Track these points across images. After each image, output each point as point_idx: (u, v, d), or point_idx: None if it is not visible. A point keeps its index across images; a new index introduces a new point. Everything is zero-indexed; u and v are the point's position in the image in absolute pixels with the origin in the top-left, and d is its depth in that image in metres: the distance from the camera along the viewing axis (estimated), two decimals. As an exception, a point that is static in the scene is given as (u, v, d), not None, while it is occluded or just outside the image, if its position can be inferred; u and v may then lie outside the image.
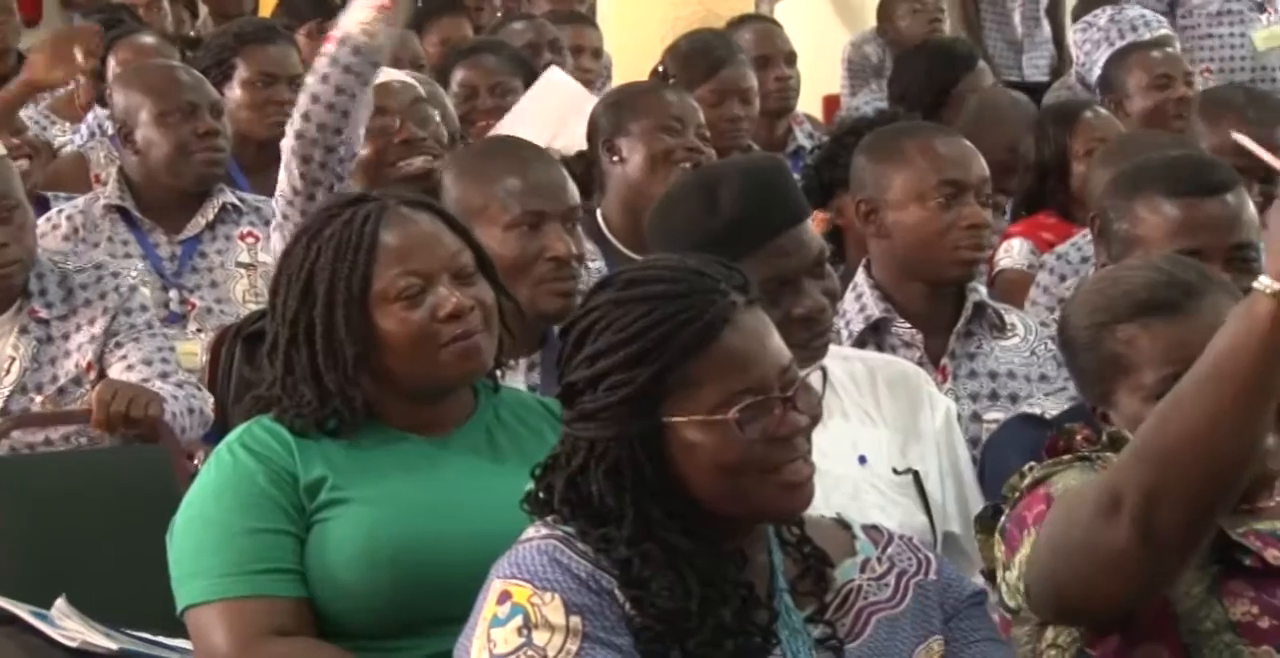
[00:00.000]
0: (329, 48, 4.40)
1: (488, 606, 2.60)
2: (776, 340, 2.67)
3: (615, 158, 5.10)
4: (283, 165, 4.52)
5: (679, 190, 3.67)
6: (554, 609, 2.56)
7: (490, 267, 3.29)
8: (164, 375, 4.65)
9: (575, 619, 2.56)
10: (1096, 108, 5.84)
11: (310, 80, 4.44)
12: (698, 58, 6.12)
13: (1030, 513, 2.83)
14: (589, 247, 4.90)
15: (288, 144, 4.49)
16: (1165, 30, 7.68)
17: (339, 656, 3.10)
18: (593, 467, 2.64)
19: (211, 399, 4.50)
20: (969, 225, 4.12)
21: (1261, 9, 8.40)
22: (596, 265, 4.86)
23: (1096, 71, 7.31)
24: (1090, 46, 7.84)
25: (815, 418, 2.67)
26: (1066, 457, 2.92)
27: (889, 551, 2.78)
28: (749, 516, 2.66)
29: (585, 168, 5.23)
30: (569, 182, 4.14)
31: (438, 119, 4.99)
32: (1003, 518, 2.91)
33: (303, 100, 4.45)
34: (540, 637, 2.55)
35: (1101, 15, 7.93)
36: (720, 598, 2.59)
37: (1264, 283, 2.45)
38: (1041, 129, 5.73)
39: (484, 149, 4.42)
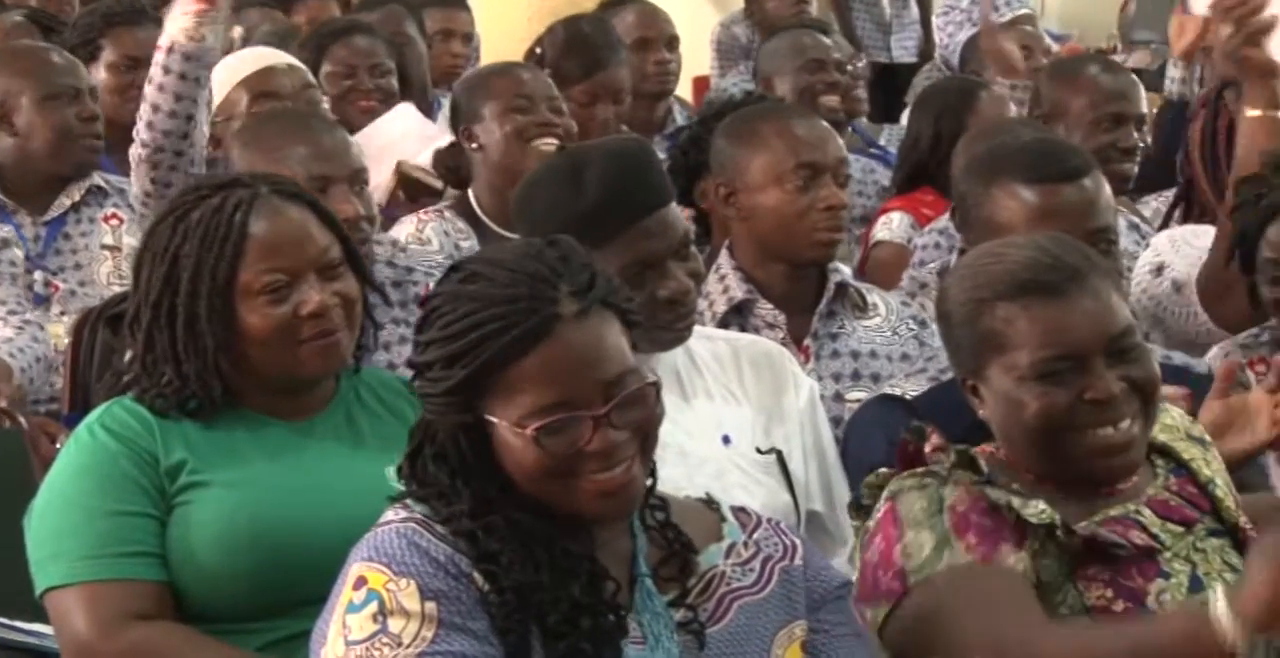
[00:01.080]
0: (159, 57, 4.41)
1: (345, 590, 2.59)
2: (608, 351, 2.62)
3: (474, 143, 5.11)
4: (133, 170, 4.53)
5: (544, 172, 3.64)
6: (409, 596, 2.55)
7: (357, 258, 3.28)
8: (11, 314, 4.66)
9: (431, 605, 2.55)
10: (992, 88, 5.85)
11: (148, 90, 4.45)
12: (576, 54, 6.07)
13: (878, 537, 2.88)
14: (461, 226, 4.92)
15: (135, 151, 4.53)
16: (1025, 9, 7.73)
17: (199, 639, 3.09)
18: (425, 448, 2.66)
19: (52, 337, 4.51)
20: (826, 207, 4.12)
21: None
22: (469, 245, 4.89)
23: (959, 52, 7.39)
24: (953, 28, 7.91)
25: (649, 420, 2.64)
26: (919, 470, 2.93)
27: (756, 535, 2.78)
28: (566, 514, 2.64)
29: (456, 156, 5.25)
30: (352, 145, 4.23)
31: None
32: (870, 521, 2.95)
33: (144, 110, 4.46)
34: (395, 624, 2.54)
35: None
36: (568, 572, 2.59)
37: (1217, 609, 2.48)
38: (936, 105, 5.74)
39: (267, 119, 4.43)
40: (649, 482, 2.68)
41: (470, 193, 5.15)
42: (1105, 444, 2.92)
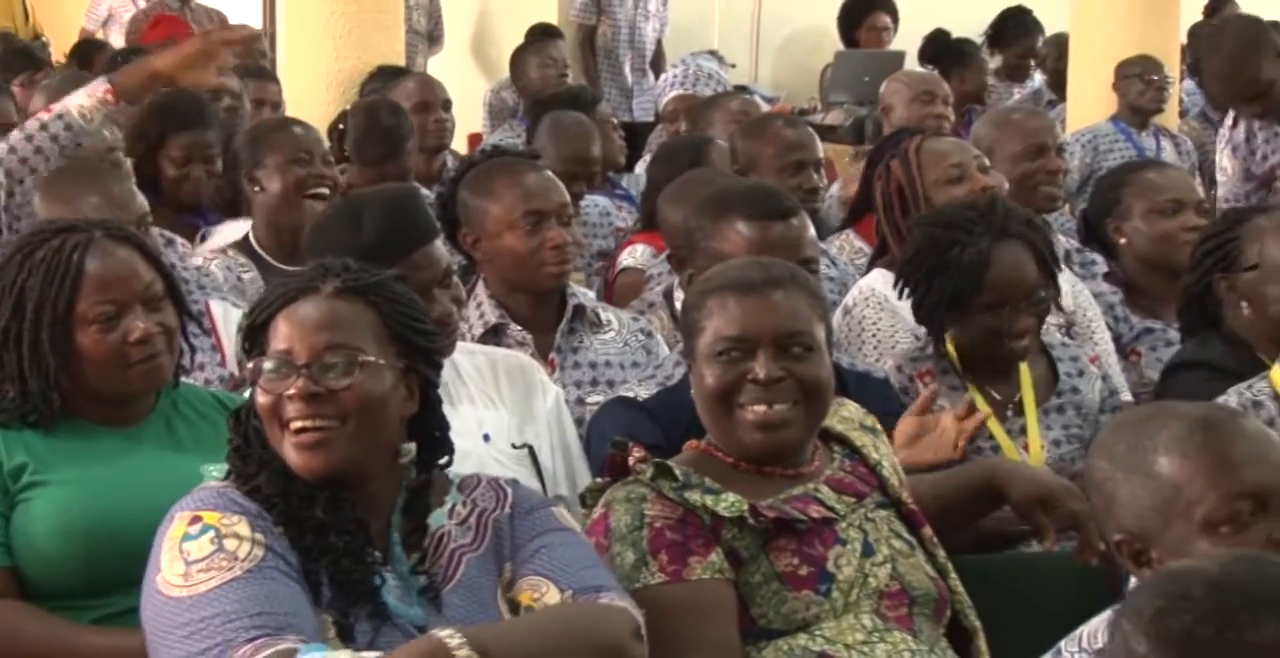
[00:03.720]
0: (44, 116, 4.28)
1: (175, 528, 2.63)
2: (338, 322, 2.72)
3: (256, 187, 5.04)
4: None
5: (331, 214, 3.66)
6: (243, 526, 2.62)
7: (177, 292, 3.29)
8: None
9: (259, 535, 2.62)
10: (718, 142, 5.88)
11: (15, 134, 4.31)
12: (374, 142, 6.01)
13: (594, 538, 2.89)
14: (243, 261, 4.88)
15: None
16: (718, 86, 7.83)
17: (40, 614, 3.06)
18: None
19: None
20: (553, 246, 4.11)
21: None
22: (250, 276, 4.84)
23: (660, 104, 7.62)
24: (664, 87, 8.02)
25: (351, 390, 2.67)
26: (629, 480, 2.95)
27: (474, 494, 2.81)
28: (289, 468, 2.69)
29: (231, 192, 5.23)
30: (137, 195, 4.20)
31: None
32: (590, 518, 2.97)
33: (0, 147, 4.33)
34: (230, 544, 2.60)
35: (680, 65, 8.10)
36: (337, 505, 2.66)
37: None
38: (674, 157, 5.72)
39: (65, 171, 4.28)
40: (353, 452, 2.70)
41: (249, 232, 5.09)
42: (760, 420, 2.95)
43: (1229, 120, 6.53)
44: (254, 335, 2.73)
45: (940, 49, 9.85)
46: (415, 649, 2.46)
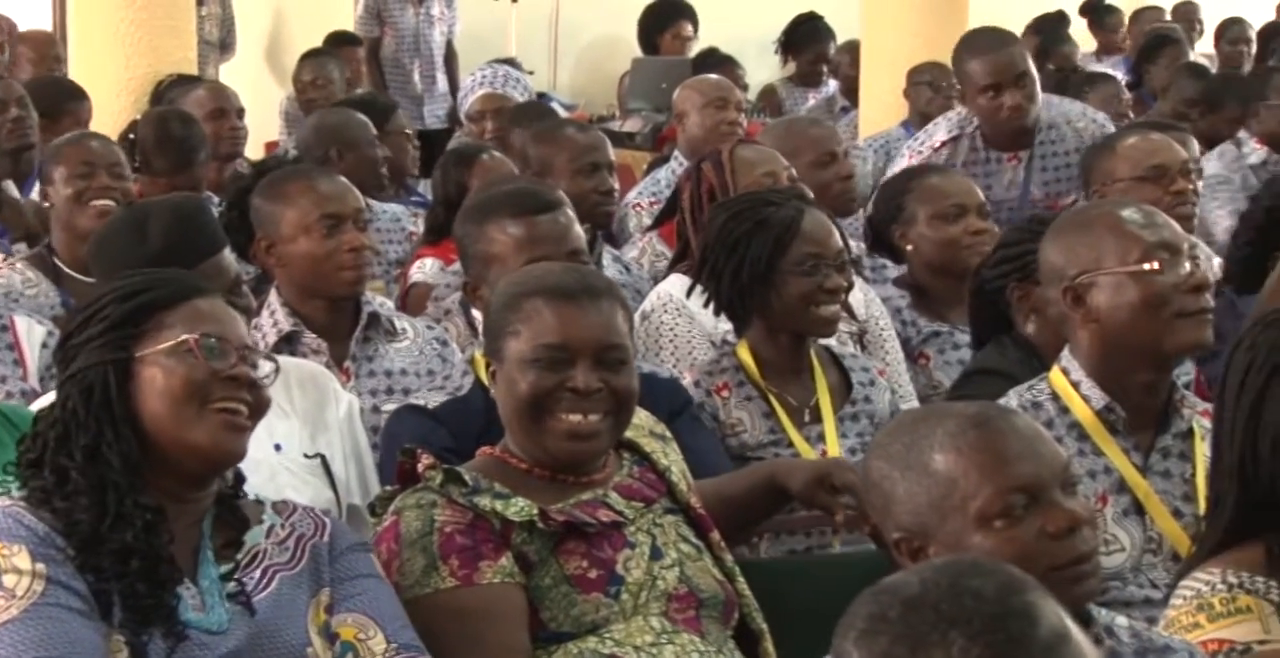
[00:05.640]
0: None
1: None
2: (242, 327, 2.82)
3: (47, 201, 5.05)
4: None
5: (114, 224, 3.62)
6: (22, 558, 2.55)
7: None
8: None
9: (40, 565, 2.55)
10: (492, 151, 5.89)
11: None
12: (165, 153, 5.96)
13: (382, 546, 2.90)
14: (31, 276, 4.84)
15: None
16: (523, 90, 7.85)
17: None
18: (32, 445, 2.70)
19: None
20: (350, 250, 4.10)
21: None
22: (34, 292, 4.82)
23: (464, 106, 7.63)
24: (464, 92, 8.01)
25: (263, 394, 2.75)
26: (418, 487, 2.95)
27: (292, 519, 2.81)
28: (190, 454, 2.68)
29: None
30: None
31: None
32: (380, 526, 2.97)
33: None
34: (9, 580, 2.54)
35: (486, 68, 8.09)
36: (127, 519, 2.62)
37: None
38: (444, 169, 5.75)
39: None
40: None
41: (50, 245, 5.05)
42: (573, 429, 2.96)
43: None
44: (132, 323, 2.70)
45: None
46: None
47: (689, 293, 4.14)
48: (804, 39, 10.45)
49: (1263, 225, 4.51)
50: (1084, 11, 11.70)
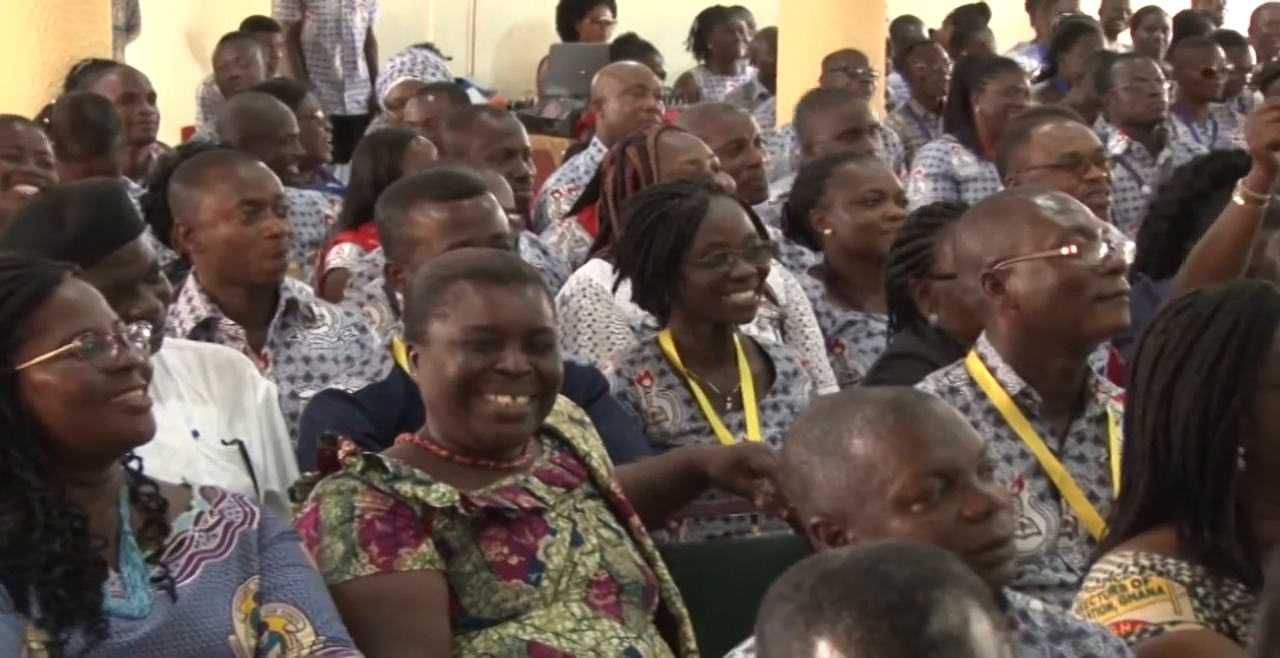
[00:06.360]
0: None
1: None
2: (104, 304, 2.74)
3: None
4: None
5: (30, 209, 3.57)
6: None
7: None
8: None
9: None
10: (420, 137, 5.87)
11: None
12: (81, 137, 5.90)
13: (304, 531, 2.89)
14: None
15: None
16: (414, 78, 7.84)
17: None
18: None
19: None
20: (270, 236, 4.08)
21: None
22: None
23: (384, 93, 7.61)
24: (388, 75, 7.99)
25: (148, 366, 2.73)
26: (339, 474, 2.94)
27: (221, 506, 2.79)
28: (103, 445, 2.67)
29: None
30: None
31: None
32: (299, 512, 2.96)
33: None
34: None
35: (405, 54, 8.07)
36: (55, 529, 2.59)
37: None
38: (374, 153, 5.73)
39: None
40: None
41: None
42: (501, 411, 2.96)
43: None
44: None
45: None
46: None
47: (615, 286, 4.14)
48: (716, 27, 10.47)
49: (1177, 215, 4.55)
50: (1030, 8, 11.78)
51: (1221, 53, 8.46)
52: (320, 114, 6.87)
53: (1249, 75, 9.29)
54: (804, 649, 1.76)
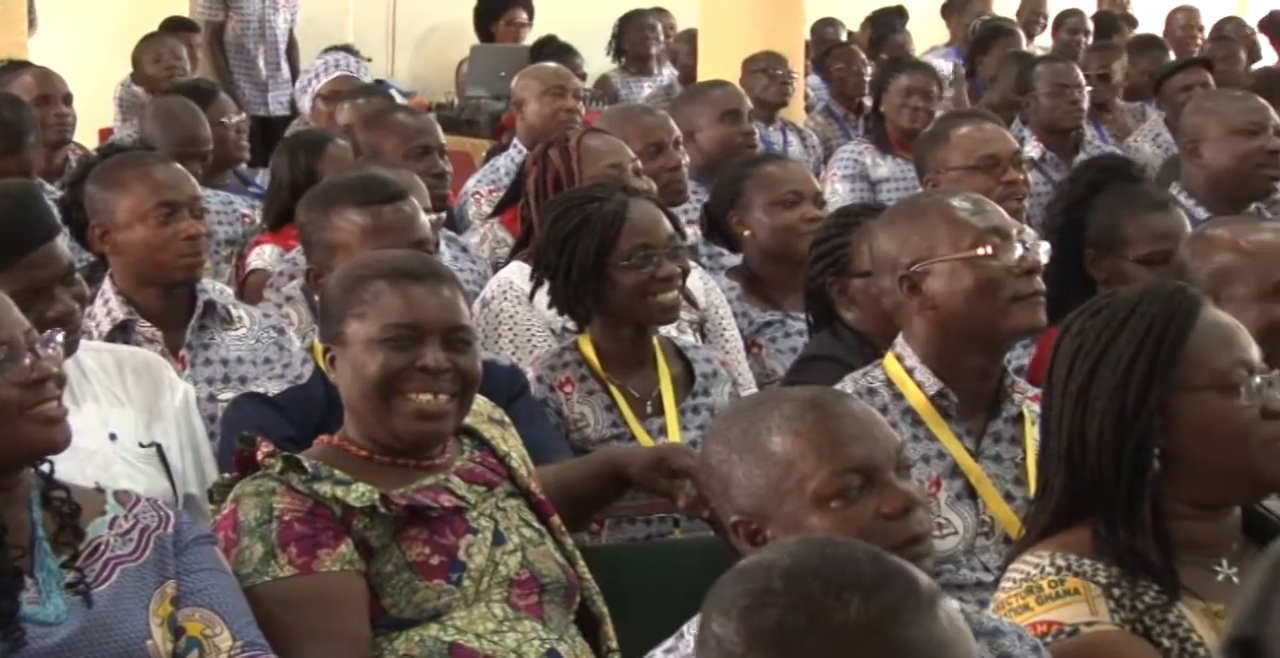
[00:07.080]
0: None
1: None
2: (17, 313, 2.70)
3: None
4: None
5: (-55, 210, 3.52)
6: None
7: None
8: None
9: None
10: (338, 140, 5.85)
11: None
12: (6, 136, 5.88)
13: (223, 533, 2.87)
14: None
15: None
16: (349, 72, 7.80)
17: None
18: None
19: None
20: (187, 237, 4.05)
21: None
22: None
23: (304, 101, 7.57)
24: (308, 78, 7.95)
25: (62, 375, 2.70)
26: (257, 475, 2.93)
27: (135, 510, 2.77)
28: (19, 456, 2.65)
29: None
30: None
31: None
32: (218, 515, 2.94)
33: None
34: None
35: (322, 57, 8.03)
36: None
37: None
38: (291, 155, 5.70)
39: None
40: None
41: None
42: (422, 409, 2.96)
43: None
44: None
45: None
46: None
47: (533, 292, 4.12)
48: (633, 30, 10.49)
49: (1063, 226, 4.58)
50: (945, 12, 11.84)
51: (1124, 57, 8.54)
52: (233, 116, 6.82)
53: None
54: (819, 645, 1.74)
